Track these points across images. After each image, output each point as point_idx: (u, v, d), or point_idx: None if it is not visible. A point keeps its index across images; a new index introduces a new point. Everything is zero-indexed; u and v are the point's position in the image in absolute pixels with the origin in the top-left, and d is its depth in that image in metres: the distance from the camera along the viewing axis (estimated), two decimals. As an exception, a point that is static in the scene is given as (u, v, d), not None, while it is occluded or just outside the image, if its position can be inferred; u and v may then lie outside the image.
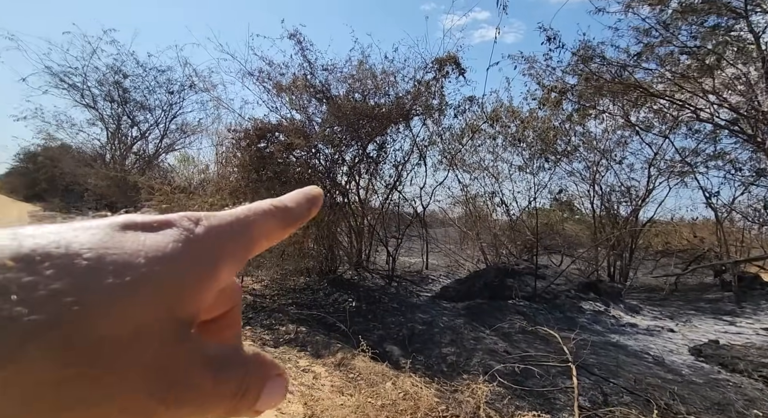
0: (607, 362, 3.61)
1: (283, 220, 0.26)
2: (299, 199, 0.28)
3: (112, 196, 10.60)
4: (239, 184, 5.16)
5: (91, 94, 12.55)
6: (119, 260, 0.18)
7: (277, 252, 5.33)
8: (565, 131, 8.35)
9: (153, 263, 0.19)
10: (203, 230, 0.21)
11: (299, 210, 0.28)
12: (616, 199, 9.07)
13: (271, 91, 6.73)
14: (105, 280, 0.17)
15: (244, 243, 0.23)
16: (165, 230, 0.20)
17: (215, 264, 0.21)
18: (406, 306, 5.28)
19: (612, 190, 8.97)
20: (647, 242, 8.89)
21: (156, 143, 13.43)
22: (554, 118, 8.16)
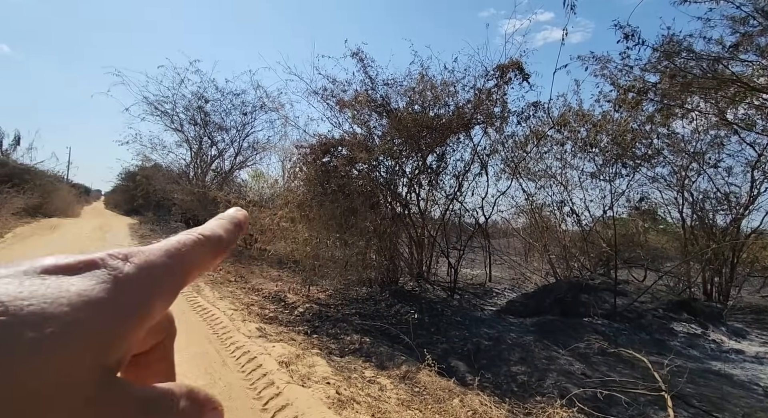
0: (709, 392, 3.15)
1: (213, 248, 0.25)
2: (226, 226, 0.27)
3: (195, 209, 11.74)
4: (305, 198, 5.42)
5: (179, 119, 14.11)
6: (38, 311, 0.16)
7: (341, 263, 5.48)
8: (646, 134, 7.61)
9: (77, 310, 0.17)
10: (133, 268, 0.20)
11: (228, 236, 0.27)
12: (711, 207, 8.02)
13: (334, 108, 7.04)
14: (22, 335, 0.15)
15: (177, 277, 0.22)
16: (90, 271, 0.19)
17: (148, 302, 0.20)
18: (470, 320, 5.10)
19: (705, 197, 7.95)
20: (752, 255, 7.70)
21: (231, 160, 14.67)
22: (632, 120, 7.50)
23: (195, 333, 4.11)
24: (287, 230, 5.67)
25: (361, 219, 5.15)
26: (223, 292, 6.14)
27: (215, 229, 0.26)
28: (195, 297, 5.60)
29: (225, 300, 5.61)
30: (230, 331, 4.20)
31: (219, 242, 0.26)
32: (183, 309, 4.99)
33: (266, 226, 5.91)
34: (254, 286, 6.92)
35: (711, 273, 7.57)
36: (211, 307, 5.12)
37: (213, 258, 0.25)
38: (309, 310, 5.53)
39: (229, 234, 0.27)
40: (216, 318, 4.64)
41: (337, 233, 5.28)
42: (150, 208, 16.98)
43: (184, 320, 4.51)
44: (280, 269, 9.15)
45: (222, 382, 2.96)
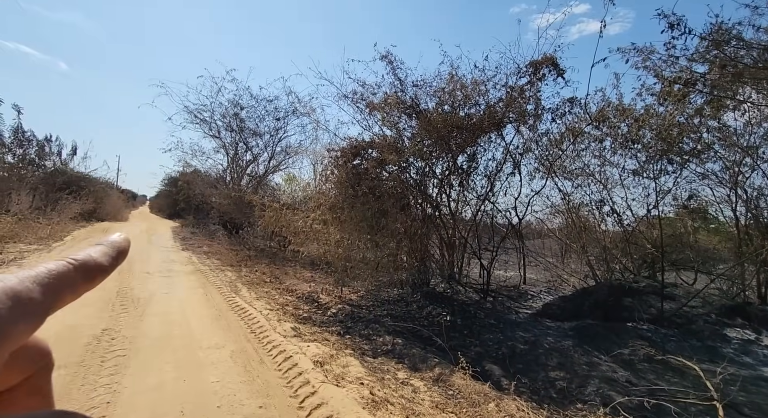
0: (762, 401, 2.91)
1: (86, 273, 0.25)
2: (105, 251, 0.28)
3: (232, 212, 12.23)
4: (337, 200, 5.51)
5: (216, 126, 14.76)
6: None
7: (372, 264, 5.53)
8: (694, 128, 7.14)
9: None
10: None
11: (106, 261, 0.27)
12: (767, 205, 7.42)
13: (364, 111, 7.11)
14: None
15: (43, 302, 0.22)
16: None
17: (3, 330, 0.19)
18: (505, 323, 4.99)
19: (760, 194, 7.36)
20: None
21: (265, 165, 15.16)
22: (678, 114, 7.06)
23: (234, 332, 4.28)
24: (319, 232, 5.79)
25: (391, 221, 5.17)
26: (259, 292, 6.35)
27: (91, 254, 0.27)
28: (233, 297, 5.83)
29: (261, 300, 5.80)
30: (267, 330, 4.34)
31: (94, 267, 0.26)
32: (222, 309, 5.21)
33: (299, 228, 6.06)
34: (288, 287, 7.11)
35: (767, 275, 6.99)
36: (248, 307, 5.31)
37: (86, 282, 0.26)
38: (341, 311, 5.61)
39: (108, 259, 0.27)
40: (253, 318, 4.81)
41: (368, 234, 5.33)
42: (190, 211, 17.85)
43: (223, 320, 4.71)
44: (312, 271, 9.35)
45: (260, 380, 3.06)
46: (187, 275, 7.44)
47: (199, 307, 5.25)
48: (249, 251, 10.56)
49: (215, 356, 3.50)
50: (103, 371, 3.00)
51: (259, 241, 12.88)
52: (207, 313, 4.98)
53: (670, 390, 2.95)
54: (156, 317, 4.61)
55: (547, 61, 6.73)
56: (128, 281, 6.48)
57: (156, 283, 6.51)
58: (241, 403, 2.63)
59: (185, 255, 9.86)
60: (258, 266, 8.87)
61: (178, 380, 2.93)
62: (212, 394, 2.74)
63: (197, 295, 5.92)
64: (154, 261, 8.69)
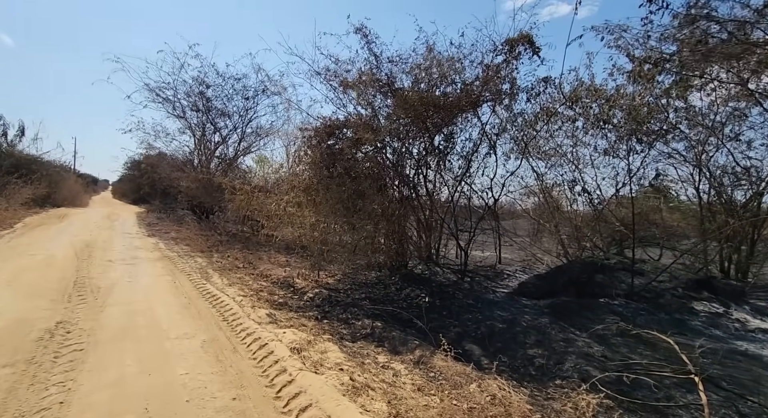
0: (738, 374, 3.03)
1: None
2: None
3: (200, 197, 11.68)
4: (311, 182, 5.29)
5: (181, 106, 13.91)
6: None
7: (349, 247, 5.38)
8: (662, 108, 7.29)
9: None
10: None
11: None
12: (730, 183, 7.76)
13: (338, 89, 6.81)
14: None
15: None
16: None
17: None
18: (483, 303, 5.01)
19: (724, 172, 7.68)
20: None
21: (235, 147, 14.52)
22: (648, 94, 7.19)
23: (205, 320, 4.06)
24: (294, 215, 5.57)
25: (368, 202, 5.01)
26: (231, 278, 6.10)
27: None
28: (204, 284, 5.57)
29: (234, 287, 5.57)
30: (240, 317, 4.15)
31: None
32: (192, 296, 4.95)
33: (272, 211, 5.80)
34: (263, 272, 6.88)
35: (729, 251, 7.38)
36: (220, 293, 5.08)
37: None
38: (318, 295, 5.47)
39: None
40: (225, 305, 4.59)
41: (345, 216, 5.16)
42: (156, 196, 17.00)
43: (193, 309, 4.47)
44: (287, 255, 9.11)
45: (233, 370, 2.90)
46: (154, 262, 7.05)
47: (166, 295, 4.97)
48: (220, 236, 10.16)
49: (184, 346, 3.30)
50: (56, 368, 2.75)
51: (230, 225, 12.44)
52: (175, 301, 4.72)
53: (646, 364, 3.03)
54: (118, 307, 4.31)
55: (524, 39, 6.62)
56: (87, 270, 6.06)
57: (119, 271, 6.12)
58: (213, 395, 2.47)
59: (151, 241, 9.37)
60: (230, 251, 8.55)
61: (142, 374, 2.72)
62: (180, 387, 2.56)
63: (165, 282, 5.61)
64: (117, 248, 8.20)
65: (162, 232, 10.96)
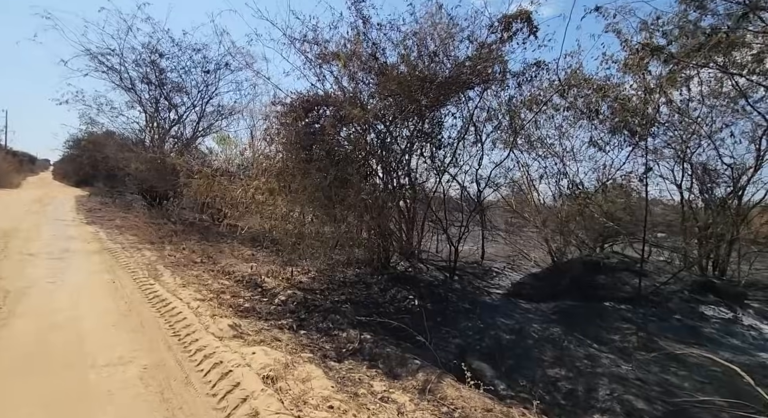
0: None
1: None
2: None
3: (152, 180, 10.37)
4: (286, 165, 4.47)
5: (129, 77, 12.29)
6: None
7: (329, 241, 4.65)
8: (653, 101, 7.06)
9: None
10: None
11: None
12: (711, 179, 7.72)
13: (314, 62, 5.94)
14: None
15: None
16: None
17: None
18: (481, 307, 4.48)
19: (706, 168, 7.62)
20: (755, 230, 7.50)
21: (193, 126, 13.11)
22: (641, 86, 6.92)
23: (149, 336, 3.21)
24: (264, 203, 4.74)
25: (354, 191, 4.29)
26: (187, 276, 5.19)
27: None
28: (152, 285, 4.63)
29: (189, 287, 4.69)
30: (196, 331, 3.34)
31: None
32: (134, 301, 4.04)
33: (238, 199, 4.93)
34: (224, 268, 5.99)
35: (708, 249, 7.35)
36: (171, 297, 4.20)
37: None
38: (292, 298, 4.71)
39: None
40: (178, 313, 3.74)
41: (325, 207, 4.41)
42: (100, 178, 15.21)
43: (135, 318, 3.58)
44: (253, 248, 8.19)
45: (183, 414, 2.13)
46: (90, 255, 5.94)
47: (101, 300, 4.02)
48: (175, 225, 9.02)
49: (116, 378, 2.47)
50: None
51: (187, 213, 11.22)
52: (112, 308, 3.80)
53: (689, 389, 2.59)
54: (29, 319, 3.35)
55: (522, 15, 6.06)
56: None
57: (41, 268, 5.01)
58: (151, 466, 1.71)
59: (90, 230, 8.09)
60: (186, 242, 7.51)
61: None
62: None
63: (101, 283, 4.62)
64: (44, 238, 6.92)
65: (104, 219, 9.60)
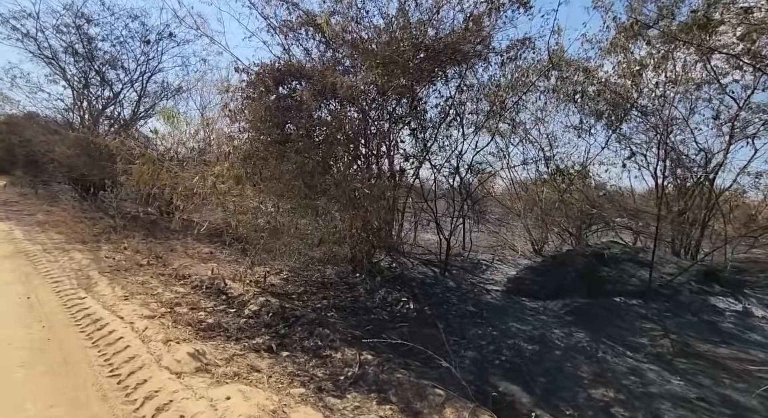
0: None
1: None
2: None
3: (82, 167, 8.85)
4: (255, 148, 3.63)
5: (50, 46, 10.40)
6: None
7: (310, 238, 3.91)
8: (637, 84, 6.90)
9: None
10: None
11: None
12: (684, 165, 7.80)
13: (280, 29, 5.03)
14: None
15: None
16: None
17: None
18: (486, 309, 3.98)
19: (680, 153, 7.67)
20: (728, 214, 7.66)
21: (132, 106, 11.46)
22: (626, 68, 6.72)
23: (75, 380, 2.35)
24: (227, 194, 3.87)
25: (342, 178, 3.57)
26: (129, 285, 4.22)
27: None
28: (82, 300, 3.65)
29: (133, 300, 3.75)
30: (144, 366, 2.51)
31: None
32: (56, 324, 3.08)
33: (193, 189, 4.02)
34: (177, 271, 5.04)
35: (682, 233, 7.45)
36: (108, 316, 3.28)
37: None
38: (266, 306, 3.93)
39: None
40: (117, 339, 2.86)
41: (306, 197, 3.65)
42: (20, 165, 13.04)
43: (55, 351, 2.66)
44: (211, 244, 7.19)
45: None
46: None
47: (7, 325, 3.02)
48: (114, 220, 7.72)
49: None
50: None
51: (128, 205, 9.79)
52: (22, 336, 2.83)
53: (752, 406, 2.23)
54: None
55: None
56: None
57: (-77, 283, 3.82)
58: None
59: (2, 228, 6.64)
60: (128, 240, 6.37)
61: None
62: None
63: (10, 299, 3.55)
64: (-63, 241, 5.50)
65: (23, 213, 8.03)
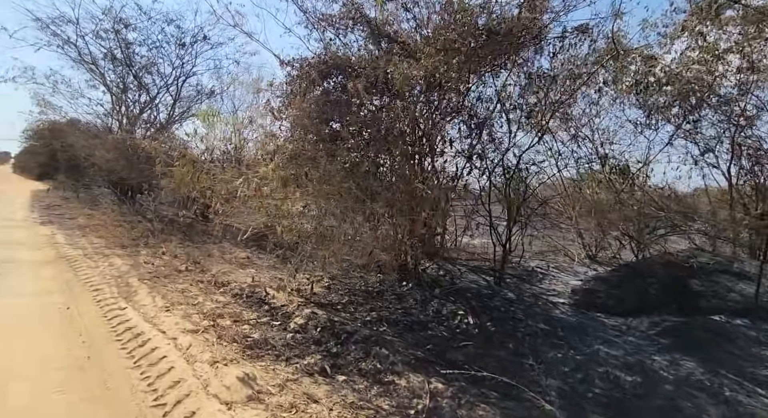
0: None
1: None
2: None
3: (122, 170, 8.92)
4: (302, 147, 3.29)
5: (90, 52, 10.61)
6: None
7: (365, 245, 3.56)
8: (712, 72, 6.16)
9: None
10: None
11: None
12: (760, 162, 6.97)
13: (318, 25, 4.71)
14: None
15: None
16: None
17: None
18: (560, 326, 3.48)
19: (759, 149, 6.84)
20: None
21: (168, 109, 11.56)
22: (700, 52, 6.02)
23: (116, 408, 2.06)
24: (268, 197, 3.57)
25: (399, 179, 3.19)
26: (170, 294, 3.99)
27: None
28: (122, 310, 3.43)
29: (174, 311, 3.50)
30: (191, 393, 2.20)
31: None
32: (96, 341, 2.84)
33: (234, 192, 3.75)
34: (216, 277, 4.82)
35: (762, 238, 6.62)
36: (150, 330, 3.03)
37: None
38: (312, 319, 3.59)
39: None
40: (161, 359, 2.58)
41: (358, 201, 3.29)
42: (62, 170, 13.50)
43: (95, 373, 2.40)
44: (247, 248, 6.99)
45: None
46: (39, 267, 4.63)
47: (45, 340, 2.80)
48: (151, 224, 7.68)
49: None
50: None
51: (165, 208, 9.81)
52: (61, 354, 2.60)
53: None
54: None
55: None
56: None
57: (-34, 290, 3.71)
58: None
59: (45, 232, 6.67)
60: (166, 245, 6.24)
61: None
62: None
63: (49, 310, 3.37)
64: (-17, 245, 5.51)
65: (65, 217, 8.13)
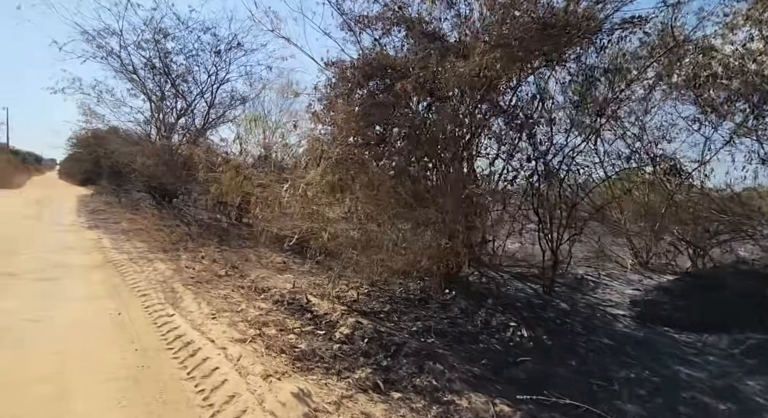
0: None
1: None
2: None
3: (161, 176, 9.17)
4: (348, 152, 3.18)
5: (131, 62, 11.01)
6: None
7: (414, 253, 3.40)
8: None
9: None
10: None
11: None
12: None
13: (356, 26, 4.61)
14: None
15: None
16: None
17: None
18: (626, 342, 3.20)
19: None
20: None
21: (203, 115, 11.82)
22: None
23: (174, 426, 1.99)
24: (315, 203, 3.48)
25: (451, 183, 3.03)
26: (214, 300, 3.98)
27: None
28: (170, 317, 3.42)
29: (220, 318, 3.47)
30: (248, 410, 2.11)
31: None
32: (149, 349, 2.81)
33: (277, 197, 3.68)
34: (256, 283, 4.79)
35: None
36: (199, 338, 2.98)
37: None
38: (358, 329, 3.47)
39: None
40: (213, 370, 2.51)
41: (407, 207, 3.14)
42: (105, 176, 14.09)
43: (151, 384, 2.35)
44: (282, 252, 6.98)
45: None
46: (89, 272, 4.74)
47: (101, 348, 2.80)
48: (189, 227, 7.83)
49: None
50: None
51: (201, 212, 10.03)
52: (117, 363, 2.58)
53: None
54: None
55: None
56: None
57: (23, 295, 3.80)
58: None
59: (92, 236, 6.91)
60: (204, 249, 6.33)
61: None
62: None
63: (102, 316, 3.41)
64: (35, 248, 5.72)
65: (109, 222, 8.42)
